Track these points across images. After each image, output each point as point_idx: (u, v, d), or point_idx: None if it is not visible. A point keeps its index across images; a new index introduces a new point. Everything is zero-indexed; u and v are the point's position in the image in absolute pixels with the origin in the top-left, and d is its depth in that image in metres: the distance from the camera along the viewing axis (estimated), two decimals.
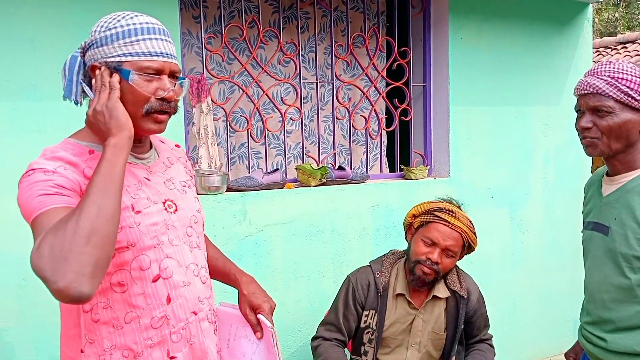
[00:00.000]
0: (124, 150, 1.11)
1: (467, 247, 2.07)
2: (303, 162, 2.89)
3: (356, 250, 2.81)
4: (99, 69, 1.15)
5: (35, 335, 2.18)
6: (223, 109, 2.71)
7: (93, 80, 1.16)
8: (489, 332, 2.27)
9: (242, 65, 2.70)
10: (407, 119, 3.12)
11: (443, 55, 3.03)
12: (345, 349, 2.18)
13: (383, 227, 2.89)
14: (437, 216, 2.02)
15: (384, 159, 3.18)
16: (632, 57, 7.34)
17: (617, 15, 11.72)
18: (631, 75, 1.50)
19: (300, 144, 2.91)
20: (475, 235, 2.08)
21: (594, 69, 1.56)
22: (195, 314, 1.26)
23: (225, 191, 2.50)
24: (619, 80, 1.50)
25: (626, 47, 7.73)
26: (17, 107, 2.12)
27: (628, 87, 1.49)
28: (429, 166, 3.15)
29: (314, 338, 2.17)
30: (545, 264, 3.43)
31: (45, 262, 0.96)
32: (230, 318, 1.46)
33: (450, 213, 2.02)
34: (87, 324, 1.17)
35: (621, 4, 11.59)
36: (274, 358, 1.37)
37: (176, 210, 1.27)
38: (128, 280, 1.17)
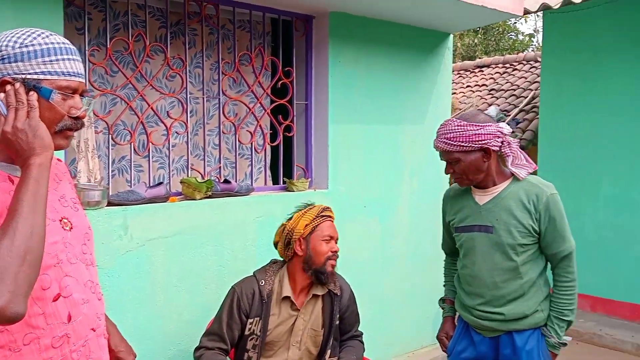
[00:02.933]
0: (48, 169, 1.11)
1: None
2: (188, 176, 2.93)
3: (241, 261, 2.91)
4: (11, 84, 1.12)
5: None
6: (105, 121, 2.66)
7: (1, 95, 1.13)
8: (359, 329, 2.49)
9: (127, 79, 2.68)
10: (290, 135, 3.28)
11: (324, 77, 3.25)
12: (228, 357, 2.28)
13: (267, 238, 3.01)
14: (324, 215, 2.28)
15: (268, 172, 3.33)
16: (487, 79, 8.26)
17: (476, 40, 13.10)
18: (457, 132, 2.01)
19: (185, 157, 2.94)
20: None
21: (437, 132, 2.09)
22: (94, 331, 1.28)
23: (106, 205, 2.47)
24: (451, 139, 2.02)
25: (482, 71, 8.67)
26: None
27: (460, 142, 2.00)
28: (310, 179, 3.35)
29: (197, 348, 2.24)
30: (410, 266, 3.80)
31: None
32: None
33: (328, 209, 2.32)
34: None
35: (480, 30, 12.95)
36: None
37: (72, 228, 1.27)
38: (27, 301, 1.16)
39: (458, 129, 2.02)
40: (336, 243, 2.28)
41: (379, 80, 3.49)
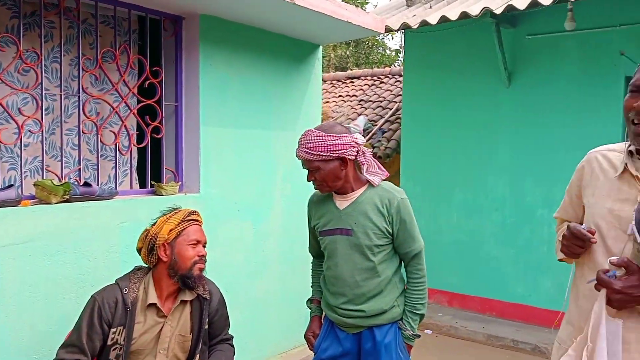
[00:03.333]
0: None
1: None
2: (43, 178, 2.72)
3: (103, 270, 2.76)
4: None
5: None
6: None
7: None
8: (229, 332, 2.49)
9: None
10: (158, 136, 3.19)
11: (194, 79, 3.21)
12: None
13: (132, 244, 2.87)
14: (191, 220, 2.24)
15: (135, 175, 3.19)
16: (357, 90, 8.71)
17: (348, 52, 13.75)
18: (317, 142, 2.15)
19: (40, 158, 2.73)
20: None
21: (299, 142, 2.22)
22: None
23: None
24: (311, 149, 2.15)
25: (353, 82, 9.13)
26: None
27: (319, 151, 2.14)
28: (180, 182, 3.28)
29: None
30: (283, 269, 3.87)
31: None
32: None
33: (195, 213, 2.28)
34: None
35: (352, 43, 13.62)
36: None
37: None
38: None
39: (317, 139, 2.15)
40: (204, 247, 2.25)
41: (251, 85, 3.54)
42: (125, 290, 2.17)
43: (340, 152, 2.15)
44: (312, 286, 2.58)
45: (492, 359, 4.59)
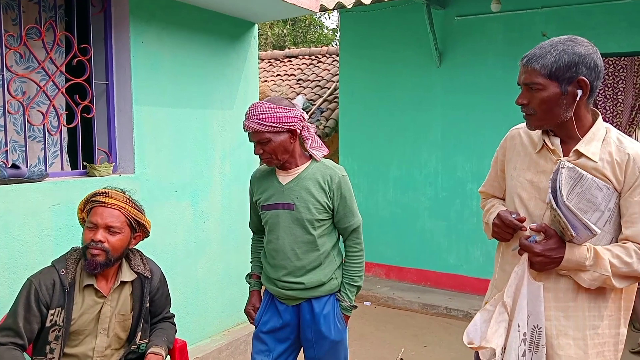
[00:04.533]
0: None
1: (138, 225, 2.24)
2: None
3: (35, 252, 2.69)
4: None
5: None
6: None
7: None
8: (171, 311, 2.51)
9: None
10: (89, 116, 3.10)
11: (125, 56, 3.13)
12: (25, 353, 2.12)
13: (65, 226, 2.84)
14: (94, 200, 2.16)
15: (65, 156, 3.10)
16: (295, 69, 8.71)
17: (285, 31, 13.65)
18: (269, 113, 2.19)
19: None
20: (141, 211, 2.26)
21: (247, 114, 2.22)
22: None
23: None
24: (263, 120, 2.19)
25: (291, 61, 9.11)
26: None
27: (272, 122, 2.18)
28: (114, 163, 3.21)
29: None
30: (224, 247, 3.89)
31: None
32: None
33: (104, 194, 2.17)
34: None
35: (289, 22, 13.53)
36: None
37: None
38: None
39: (269, 110, 2.19)
40: (109, 232, 2.12)
41: (184, 64, 3.48)
42: (62, 271, 2.14)
43: (290, 124, 2.22)
44: (251, 261, 2.63)
45: (427, 326, 4.84)
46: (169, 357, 2.47)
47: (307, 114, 6.95)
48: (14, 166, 2.65)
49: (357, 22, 5.88)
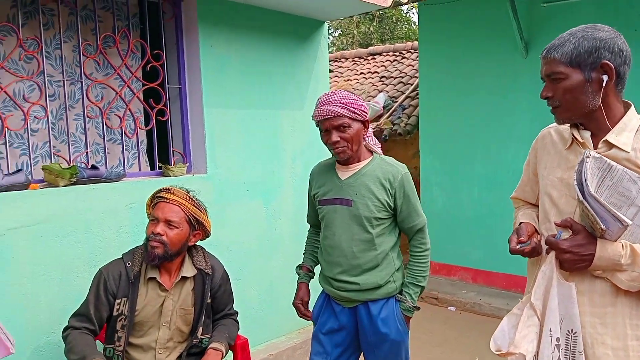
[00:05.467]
0: None
1: (197, 223, 2.30)
2: (52, 162, 2.82)
3: (114, 248, 2.86)
4: None
5: None
6: None
7: None
8: (234, 308, 2.55)
9: None
10: (164, 119, 3.25)
11: (195, 60, 3.25)
12: (98, 341, 2.26)
13: (142, 223, 2.96)
14: (158, 196, 2.28)
15: (144, 157, 3.27)
16: (379, 67, 8.60)
17: (371, 28, 13.55)
18: (352, 99, 2.18)
19: (48, 144, 2.83)
20: (200, 210, 2.32)
21: (328, 100, 2.18)
22: None
23: None
24: (347, 104, 2.16)
25: (375, 58, 9.01)
26: None
27: (354, 108, 2.16)
28: (188, 163, 3.34)
29: (65, 329, 2.24)
30: (297, 246, 3.87)
31: None
32: None
33: (167, 191, 2.28)
34: None
35: (375, 19, 13.41)
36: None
37: None
38: None
39: (351, 97, 2.19)
40: (167, 226, 2.22)
41: (253, 65, 3.54)
42: (129, 264, 2.26)
43: (366, 115, 2.22)
44: (304, 253, 2.62)
45: None
46: (230, 353, 2.52)
47: (388, 111, 6.77)
48: (93, 167, 2.84)
49: (436, 15, 5.67)
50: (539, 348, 1.46)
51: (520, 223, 1.69)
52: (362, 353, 2.43)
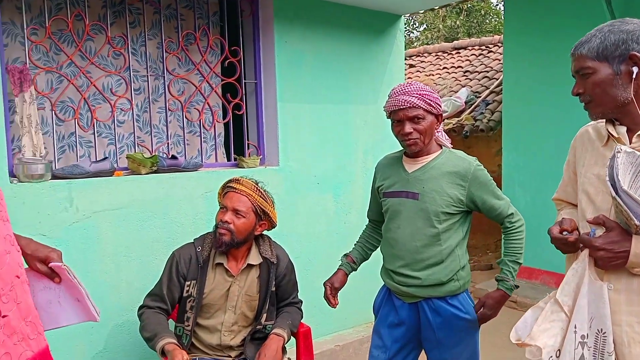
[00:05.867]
0: None
1: (263, 213, 2.38)
2: (136, 152, 3.03)
3: (190, 234, 3.00)
4: None
5: None
6: (49, 98, 2.76)
7: None
8: (298, 297, 2.61)
9: (69, 57, 2.78)
10: (240, 113, 3.38)
11: (270, 56, 3.34)
12: (170, 320, 2.41)
13: (216, 211, 3.11)
14: (228, 186, 2.37)
15: (221, 149, 3.43)
16: (463, 61, 8.34)
17: (458, 22, 13.12)
18: (428, 91, 2.15)
19: (133, 134, 3.05)
20: (267, 201, 2.40)
21: (404, 90, 2.15)
22: (18, 278, 1.40)
23: (50, 179, 2.58)
24: (424, 96, 2.13)
25: (459, 52, 8.74)
26: None
27: (429, 99, 2.13)
28: (261, 156, 3.46)
29: (140, 307, 2.40)
30: None
31: None
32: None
33: (237, 181, 2.37)
34: None
35: (463, 12, 12.98)
36: (76, 290, 1.57)
37: None
38: None
39: (427, 88, 2.17)
40: (235, 215, 2.31)
41: (326, 60, 3.58)
42: (199, 248, 2.38)
43: (440, 108, 2.19)
44: (355, 243, 2.61)
45: None
46: (293, 339, 2.58)
47: (471, 107, 6.56)
48: (173, 157, 3.02)
49: (522, 6, 5.39)
50: (563, 343, 1.44)
51: (563, 218, 1.64)
52: (422, 350, 2.39)
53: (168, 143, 3.17)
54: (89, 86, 2.86)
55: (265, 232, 2.47)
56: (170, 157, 3.03)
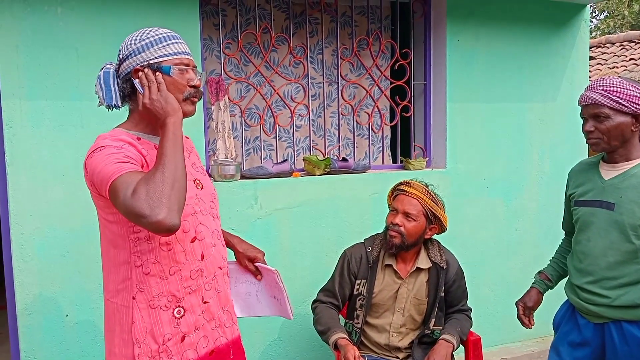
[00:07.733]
0: (180, 125, 1.41)
1: (434, 217, 2.35)
2: (311, 154, 3.22)
3: (357, 233, 3.10)
4: (142, 70, 1.44)
5: (75, 297, 2.60)
6: (239, 106, 3.06)
7: (136, 81, 1.44)
8: (467, 304, 2.54)
9: (256, 67, 3.04)
10: (407, 115, 3.39)
11: (441, 56, 3.29)
12: (340, 316, 2.52)
13: (382, 212, 3.14)
14: (398, 189, 2.39)
15: (387, 151, 3.47)
16: None
17: None
18: (619, 87, 1.93)
19: (308, 138, 3.24)
20: (438, 205, 2.36)
21: (592, 85, 1.99)
22: (221, 269, 1.60)
23: (239, 179, 2.86)
24: (611, 93, 1.92)
25: None
26: (63, 105, 2.52)
27: (618, 97, 1.91)
28: (427, 158, 3.42)
29: (313, 301, 2.53)
30: (539, 250, 3.64)
31: (143, 203, 1.22)
32: (229, 271, 1.84)
33: (407, 184, 2.38)
34: (138, 277, 1.43)
35: None
36: (280, 292, 1.75)
37: (202, 187, 1.59)
38: (173, 240, 1.46)
39: (619, 84, 1.95)
40: (406, 217, 2.31)
41: (500, 57, 3.41)
42: (369, 249, 2.45)
43: (638, 107, 1.92)
44: (550, 259, 2.42)
45: None
46: (462, 348, 2.52)
47: None
48: (343, 159, 3.14)
49: None
50: None
51: None
52: None
53: (339, 146, 3.30)
54: (273, 94, 3.11)
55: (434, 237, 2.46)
56: (341, 159, 3.16)
